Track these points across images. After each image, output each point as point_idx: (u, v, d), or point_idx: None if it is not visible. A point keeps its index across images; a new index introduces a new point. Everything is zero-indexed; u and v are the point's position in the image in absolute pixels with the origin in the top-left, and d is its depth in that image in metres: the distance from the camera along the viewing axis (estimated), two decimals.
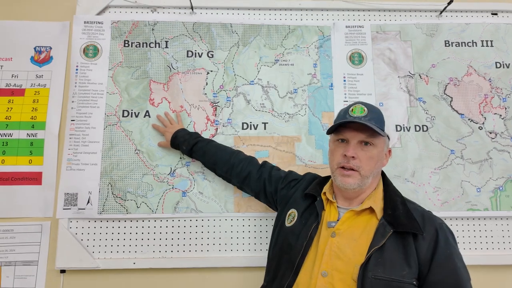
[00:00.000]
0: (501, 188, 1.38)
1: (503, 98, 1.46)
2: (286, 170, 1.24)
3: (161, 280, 1.33)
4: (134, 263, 1.30)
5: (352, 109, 0.97)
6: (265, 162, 1.24)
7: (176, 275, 1.33)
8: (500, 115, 1.44)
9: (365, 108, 0.96)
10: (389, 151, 1.02)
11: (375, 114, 0.96)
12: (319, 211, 0.97)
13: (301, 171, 1.37)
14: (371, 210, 0.93)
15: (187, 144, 1.27)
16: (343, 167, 0.95)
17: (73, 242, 1.30)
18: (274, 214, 1.34)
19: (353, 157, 0.94)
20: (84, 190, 1.33)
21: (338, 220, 0.94)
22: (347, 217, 0.94)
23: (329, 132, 1.02)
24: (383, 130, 0.96)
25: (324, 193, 1.01)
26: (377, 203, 0.94)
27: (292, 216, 1.02)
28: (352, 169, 0.94)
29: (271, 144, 1.40)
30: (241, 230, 1.36)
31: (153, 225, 1.34)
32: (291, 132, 1.41)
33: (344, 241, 0.90)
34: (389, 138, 1.03)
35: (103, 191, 1.33)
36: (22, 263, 1.32)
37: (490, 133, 1.43)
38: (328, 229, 0.93)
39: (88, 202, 1.33)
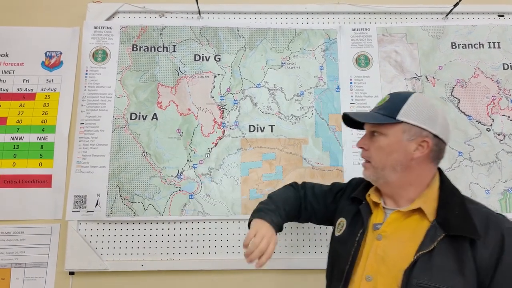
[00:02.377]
0: (510, 190, 1.37)
1: (511, 100, 1.45)
2: (293, 172, 1.23)
3: (169, 282, 1.33)
4: (142, 265, 1.31)
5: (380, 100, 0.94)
6: (305, 185, 1.13)
7: (183, 277, 1.33)
8: (508, 117, 1.43)
9: (388, 97, 0.90)
10: (426, 141, 0.84)
11: (391, 102, 0.88)
12: (363, 215, 0.90)
13: (308, 173, 1.38)
14: (422, 212, 0.83)
15: (278, 217, 1.01)
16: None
17: (82, 244, 1.31)
18: None
19: (364, 148, 0.91)
20: (93, 192, 1.35)
21: (383, 222, 0.87)
22: (393, 218, 0.86)
23: (355, 127, 0.99)
24: (393, 118, 0.85)
25: (369, 195, 0.93)
26: (429, 203, 0.84)
27: (341, 225, 0.96)
28: (368, 161, 0.91)
29: (278, 146, 1.41)
30: None
31: (160, 227, 1.35)
32: (298, 134, 1.42)
33: (390, 244, 0.83)
34: (425, 129, 0.84)
35: (111, 194, 1.35)
36: (31, 265, 1.33)
37: (499, 134, 1.42)
38: (374, 232, 0.87)
39: (97, 204, 1.34)
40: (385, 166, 0.87)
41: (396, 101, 0.88)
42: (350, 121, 0.96)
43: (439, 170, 0.90)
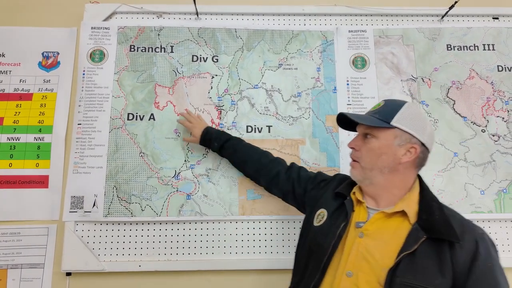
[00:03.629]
0: (504, 191, 1.39)
1: (506, 101, 1.47)
2: None
3: (166, 282, 1.33)
4: (139, 266, 1.31)
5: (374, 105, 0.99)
6: (293, 164, 1.22)
7: (181, 277, 1.33)
8: (503, 118, 1.45)
9: (382, 103, 0.96)
10: (414, 147, 0.90)
11: (387, 107, 0.94)
12: (348, 210, 0.94)
13: None
14: (403, 213, 0.88)
15: (219, 140, 1.26)
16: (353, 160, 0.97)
17: (79, 244, 1.31)
18: (279, 217, 1.36)
19: (355, 148, 0.96)
20: (90, 193, 1.34)
21: (367, 221, 0.91)
22: (377, 218, 0.89)
23: (350, 130, 1.04)
24: (388, 123, 0.90)
25: (354, 192, 0.97)
26: (411, 206, 0.88)
27: (321, 216, 0.99)
28: (356, 161, 0.95)
29: (275, 147, 1.41)
30: (246, 233, 1.36)
31: (158, 228, 1.35)
32: (295, 135, 1.43)
33: (372, 242, 0.86)
34: (414, 135, 0.90)
35: (109, 194, 1.35)
36: (28, 266, 1.33)
37: (493, 135, 1.43)
38: (356, 230, 0.90)
39: (94, 205, 1.34)
40: (373, 167, 0.92)
41: (391, 107, 0.93)
42: (344, 122, 1.01)
43: (419, 176, 0.96)
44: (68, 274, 1.32)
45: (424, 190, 0.93)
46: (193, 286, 1.34)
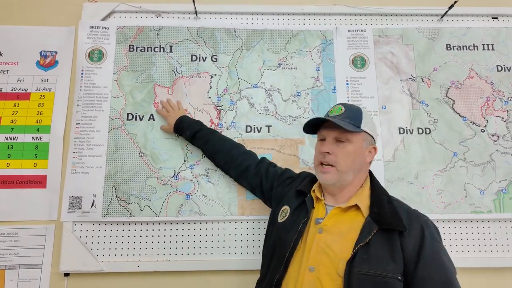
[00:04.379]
0: (504, 191, 1.39)
1: (505, 101, 1.47)
2: None
3: (165, 283, 1.33)
4: (138, 266, 1.30)
5: (331, 110, 1.03)
6: (263, 158, 1.27)
7: (180, 278, 1.33)
8: (502, 118, 1.45)
9: (343, 108, 1.01)
10: (374, 148, 1.02)
11: (351, 112, 1.00)
12: (308, 207, 1.00)
13: None
14: (357, 207, 0.96)
15: (191, 129, 1.30)
16: (322, 164, 1.01)
17: (77, 245, 1.30)
18: None
19: (328, 153, 0.99)
20: (89, 193, 1.34)
21: (325, 217, 0.97)
22: (334, 213, 0.96)
23: (306, 132, 1.08)
24: (359, 127, 0.98)
25: (314, 190, 1.04)
26: (364, 201, 0.96)
27: (284, 212, 1.05)
28: (330, 165, 0.99)
29: (274, 147, 1.41)
30: (245, 233, 1.36)
31: (157, 228, 1.34)
32: (294, 135, 1.42)
33: (330, 237, 0.93)
34: (373, 137, 1.02)
35: (107, 194, 1.34)
36: (26, 267, 1.32)
37: (493, 135, 1.43)
38: (316, 226, 0.96)
39: (93, 205, 1.33)
40: (349, 170, 0.98)
41: (355, 112, 1.01)
42: (307, 125, 1.05)
43: (370, 172, 1.05)
44: (66, 274, 1.31)
45: (374, 185, 1.01)
46: (193, 287, 1.33)
